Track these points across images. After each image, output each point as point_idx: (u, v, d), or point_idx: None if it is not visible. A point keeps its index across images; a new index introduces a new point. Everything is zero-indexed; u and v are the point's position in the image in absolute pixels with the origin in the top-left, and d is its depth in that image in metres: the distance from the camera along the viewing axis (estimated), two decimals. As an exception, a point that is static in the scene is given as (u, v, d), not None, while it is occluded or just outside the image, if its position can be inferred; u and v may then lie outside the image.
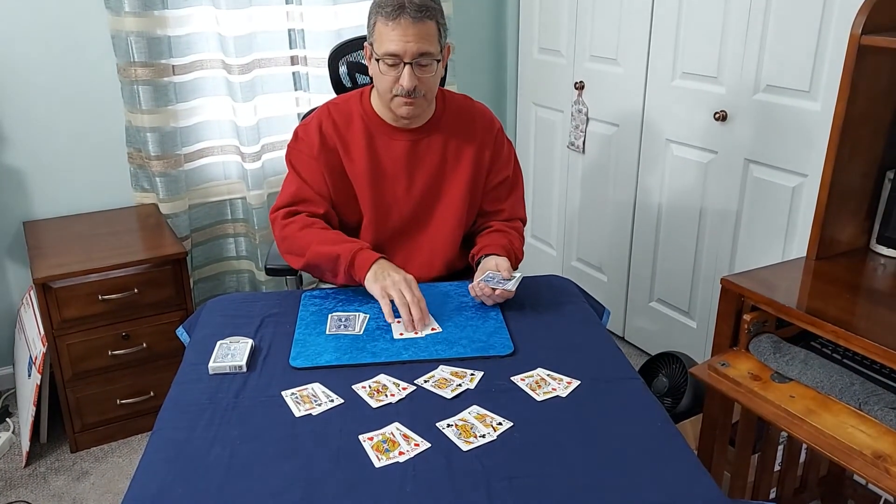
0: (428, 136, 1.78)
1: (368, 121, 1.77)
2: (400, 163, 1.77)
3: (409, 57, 1.61)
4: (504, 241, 1.80)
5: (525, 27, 3.21)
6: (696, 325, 2.69)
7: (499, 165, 1.85)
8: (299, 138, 1.79)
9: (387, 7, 1.59)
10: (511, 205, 1.89)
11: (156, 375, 2.42)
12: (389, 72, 1.63)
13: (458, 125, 1.81)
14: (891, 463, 1.34)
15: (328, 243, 1.68)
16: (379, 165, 1.77)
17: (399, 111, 1.70)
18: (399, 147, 1.77)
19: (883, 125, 1.72)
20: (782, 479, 1.98)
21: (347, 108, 1.79)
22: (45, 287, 2.20)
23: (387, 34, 1.60)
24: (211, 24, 2.62)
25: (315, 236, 1.71)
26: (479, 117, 1.84)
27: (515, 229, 1.88)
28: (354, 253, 1.64)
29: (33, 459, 2.37)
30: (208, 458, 1.19)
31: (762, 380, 1.59)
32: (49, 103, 2.52)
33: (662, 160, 2.66)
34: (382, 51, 1.62)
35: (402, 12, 1.58)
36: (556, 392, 1.35)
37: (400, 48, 1.60)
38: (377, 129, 1.77)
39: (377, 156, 1.77)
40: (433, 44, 1.63)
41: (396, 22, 1.58)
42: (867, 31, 1.55)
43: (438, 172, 1.79)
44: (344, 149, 1.77)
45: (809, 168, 2.16)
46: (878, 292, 1.69)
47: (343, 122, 1.78)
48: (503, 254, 1.74)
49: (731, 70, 2.33)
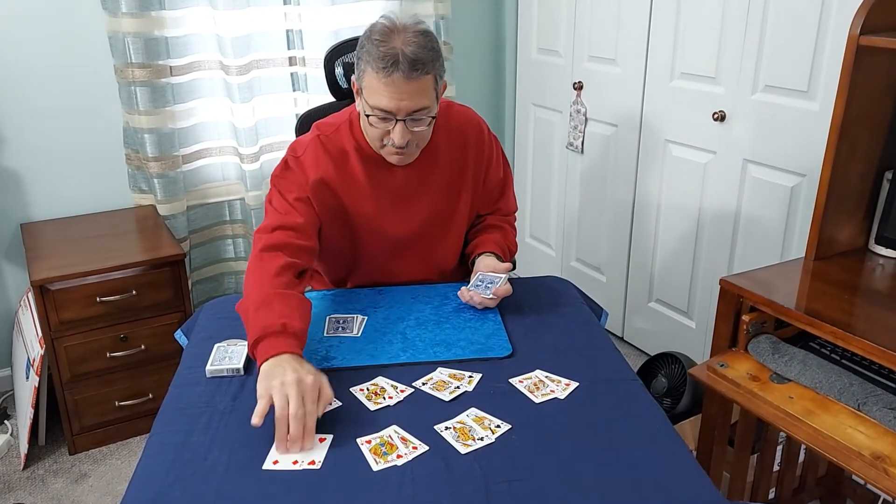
0: (425, 160, 1.69)
1: (363, 155, 1.65)
2: (403, 191, 1.69)
3: (402, 114, 1.50)
4: (497, 237, 1.79)
5: (523, 27, 3.21)
6: (695, 325, 2.69)
7: (492, 171, 1.82)
8: (290, 168, 1.63)
9: (378, 60, 1.44)
10: (505, 202, 1.89)
11: (154, 377, 2.41)
12: (380, 124, 1.53)
13: (452, 143, 1.72)
14: (889, 463, 1.33)
15: (260, 307, 1.40)
16: (383, 199, 1.68)
17: (390, 159, 1.62)
18: (399, 175, 1.68)
19: (881, 125, 1.72)
20: (781, 480, 1.98)
21: (339, 142, 1.66)
22: (43, 289, 2.20)
23: (379, 89, 1.47)
24: (208, 25, 2.61)
25: (259, 289, 1.45)
26: (468, 126, 1.76)
27: (508, 222, 1.88)
28: (266, 333, 1.34)
29: (32, 462, 2.36)
30: (206, 462, 1.19)
31: (761, 380, 1.59)
32: (46, 105, 2.52)
33: (661, 160, 2.66)
34: (373, 104, 1.50)
35: (396, 69, 1.44)
36: (555, 394, 1.35)
37: (392, 106, 1.48)
38: (374, 162, 1.65)
39: (380, 190, 1.67)
40: (428, 98, 1.51)
41: (389, 79, 1.45)
42: (865, 31, 1.55)
43: (444, 191, 1.74)
44: (343, 187, 1.65)
45: (808, 168, 2.15)
46: (876, 293, 1.69)
47: (339, 156, 1.65)
48: (497, 250, 1.74)
49: (730, 70, 2.32)
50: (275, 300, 1.42)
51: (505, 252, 1.77)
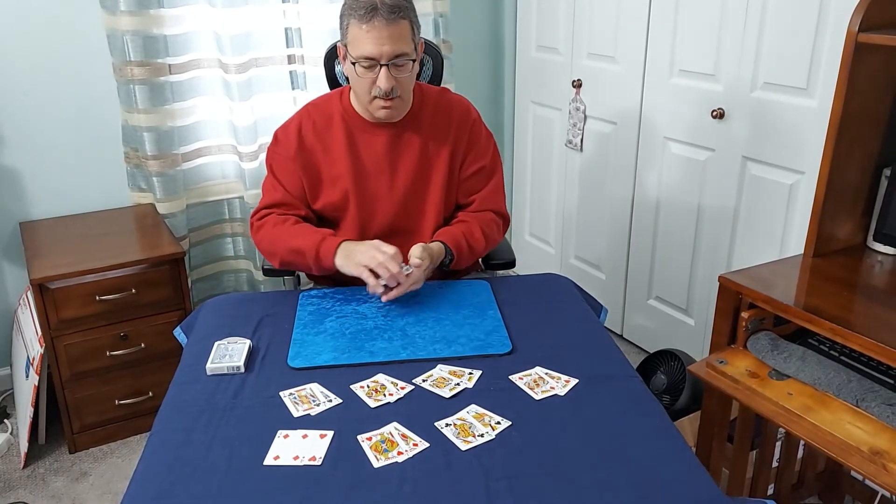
0: (407, 130, 1.79)
1: (348, 119, 1.79)
2: (381, 158, 1.79)
3: (385, 59, 1.61)
4: (456, 231, 1.79)
5: (522, 25, 3.21)
6: (693, 322, 2.69)
7: (474, 155, 1.84)
8: (278, 140, 1.81)
9: (359, 9, 1.58)
10: (483, 196, 1.86)
11: (154, 375, 2.41)
12: (366, 74, 1.64)
13: (436, 118, 1.81)
14: (888, 459, 1.34)
15: (295, 237, 1.72)
16: (361, 162, 1.78)
17: (377, 114, 1.72)
18: (379, 143, 1.78)
19: (880, 122, 1.72)
20: (780, 476, 1.99)
21: (328, 108, 1.81)
22: (43, 287, 2.20)
23: (361, 37, 1.60)
24: (207, 23, 2.61)
25: (283, 233, 1.74)
26: (456, 107, 1.85)
27: (479, 219, 1.84)
28: (318, 244, 1.68)
29: (32, 460, 2.37)
30: (207, 460, 1.19)
31: (760, 377, 1.60)
32: (45, 103, 2.51)
33: (660, 158, 2.66)
34: (358, 53, 1.62)
35: (376, 14, 1.57)
36: (555, 391, 1.35)
37: (376, 51, 1.60)
38: (357, 127, 1.78)
39: (358, 153, 1.78)
40: (408, 43, 1.64)
41: (371, 24, 1.58)
42: (864, 28, 1.55)
43: (420, 166, 1.80)
44: (324, 149, 1.78)
45: (806, 165, 2.16)
46: (875, 289, 1.69)
47: (323, 122, 1.79)
48: (450, 243, 1.75)
49: (729, 68, 2.33)
50: (300, 229, 1.74)
51: (460, 245, 1.76)
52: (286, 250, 1.73)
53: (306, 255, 1.69)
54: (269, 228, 1.77)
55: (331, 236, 1.70)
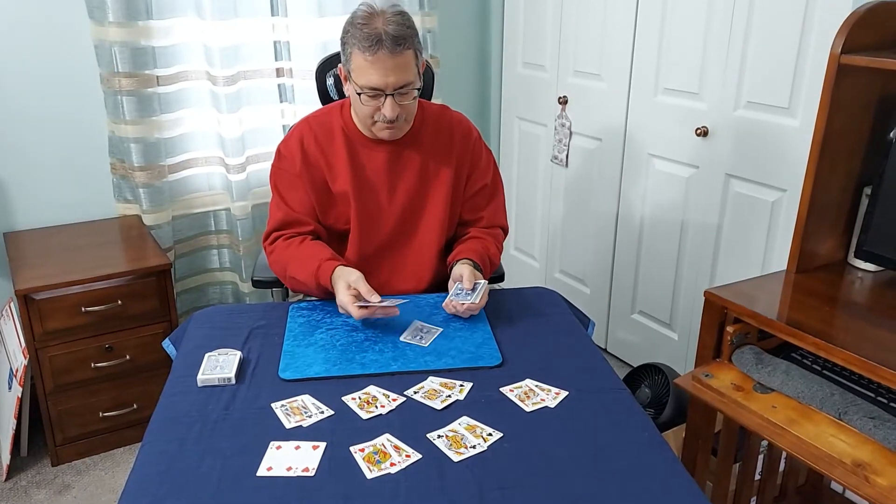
0: (408, 147, 1.80)
1: (350, 134, 1.79)
2: (382, 174, 1.79)
3: (390, 90, 1.62)
4: (478, 247, 1.82)
5: (509, 42, 3.25)
6: (677, 336, 2.72)
7: (478, 173, 1.87)
8: (282, 156, 1.82)
9: (364, 40, 1.58)
10: (490, 212, 1.91)
11: (139, 387, 2.39)
12: (370, 102, 1.65)
13: (437, 135, 1.83)
14: (870, 471, 1.37)
15: (295, 268, 1.74)
16: (362, 177, 1.79)
17: (381, 135, 1.73)
18: (380, 158, 1.79)
19: (861, 142, 1.76)
20: (762, 488, 2.01)
21: (328, 122, 1.81)
22: (28, 298, 2.18)
23: (366, 68, 1.60)
24: (196, 35, 2.61)
25: (287, 260, 1.76)
26: (457, 126, 1.86)
27: (493, 235, 1.89)
28: (315, 277, 1.69)
29: (14, 473, 2.34)
30: (199, 471, 1.19)
31: (745, 390, 1.62)
32: (30, 112, 2.50)
33: (644, 174, 2.70)
34: (363, 83, 1.62)
35: (381, 46, 1.57)
36: (545, 403, 1.37)
37: (381, 82, 1.60)
38: (358, 142, 1.79)
39: (360, 168, 1.79)
40: (412, 72, 1.64)
41: (375, 56, 1.58)
42: (846, 50, 1.59)
43: (420, 183, 1.81)
44: (327, 164, 1.79)
45: (788, 183, 2.20)
46: (856, 305, 1.73)
47: (325, 136, 1.80)
48: (477, 259, 1.77)
49: (713, 86, 2.37)
50: (304, 251, 1.74)
51: (485, 261, 1.80)
52: (293, 282, 1.77)
53: (310, 287, 1.73)
54: (278, 256, 1.79)
55: (325, 263, 1.69)
